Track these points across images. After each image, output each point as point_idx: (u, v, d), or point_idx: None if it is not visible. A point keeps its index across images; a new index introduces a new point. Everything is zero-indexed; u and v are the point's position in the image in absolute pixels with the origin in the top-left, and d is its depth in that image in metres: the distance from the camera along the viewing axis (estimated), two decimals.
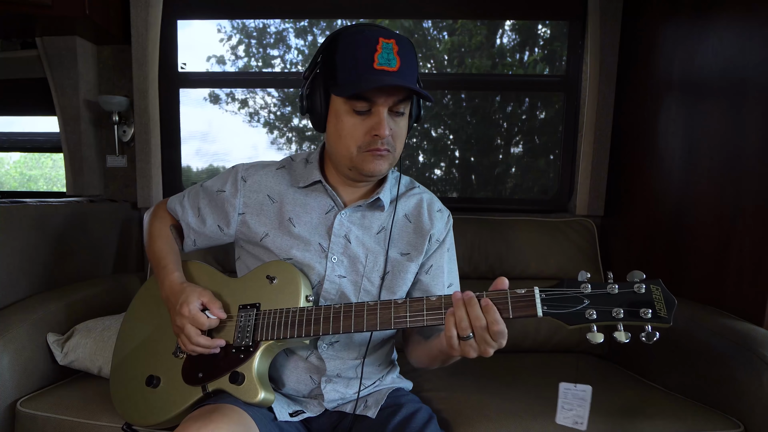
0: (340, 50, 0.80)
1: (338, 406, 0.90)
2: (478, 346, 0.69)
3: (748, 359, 1.00)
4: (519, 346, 1.50)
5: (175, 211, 0.99)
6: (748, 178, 1.15)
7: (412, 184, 1.00)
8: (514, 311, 0.69)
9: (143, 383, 0.90)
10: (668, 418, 1.01)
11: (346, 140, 0.82)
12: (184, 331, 0.82)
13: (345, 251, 0.89)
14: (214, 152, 1.95)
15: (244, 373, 0.80)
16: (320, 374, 0.88)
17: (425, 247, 0.93)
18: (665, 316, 0.63)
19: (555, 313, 0.66)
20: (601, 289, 0.65)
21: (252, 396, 0.79)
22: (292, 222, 0.89)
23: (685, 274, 1.35)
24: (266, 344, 0.81)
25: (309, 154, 0.96)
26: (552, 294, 0.67)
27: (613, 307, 0.64)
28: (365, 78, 0.77)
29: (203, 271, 0.97)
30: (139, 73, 1.68)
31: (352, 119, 0.81)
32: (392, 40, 0.78)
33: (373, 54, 0.77)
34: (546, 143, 1.90)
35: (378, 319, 0.75)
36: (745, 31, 1.18)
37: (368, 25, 0.82)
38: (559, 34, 1.85)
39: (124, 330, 1.02)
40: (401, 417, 0.84)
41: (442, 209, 0.99)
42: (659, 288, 0.65)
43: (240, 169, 0.95)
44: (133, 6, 1.65)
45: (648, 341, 0.62)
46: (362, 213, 0.91)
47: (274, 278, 0.85)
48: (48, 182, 2.61)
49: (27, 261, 1.28)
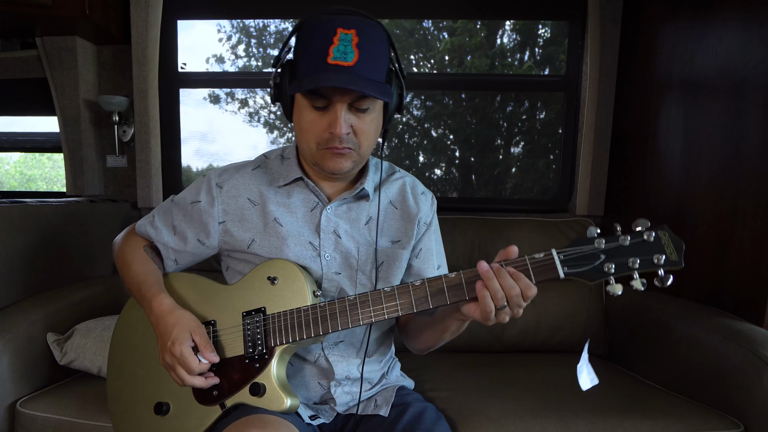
0: (301, 39, 0.76)
1: (349, 409, 0.89)
2: (511, 310, 0.69)
3: (748, 359, 1.00)
4: (519, 346, 1.50)
5: (147, 234, 0.92)
6: (748, 178, 1.16)
7: (392, 169, 0.96)
8: (536, 276, 0.69)
9: (152, 413, 0.82)
10: (668, 418, 1.01)
11: (306, 135, 0.79)
12: (175, 371, 0.77)
13: (336, 247, 0.86)
14: (214, 152, 1.95)
15: (264, 383, 0.76)
16: (329, 379, 0.87)
17: (414, 231, 0.90)
18: (677, 260, 0.65)
19: (576, 272, 0.68)
20: (614, 242, 0.67)
21: (278, 404, 0.74)
22: (278, 221, 0.85)
23: (685, 274, 1.35)
24: (281, 348, 0.77)
25: (284, 150, 0.93)
26: (570, 254, 0.68)
27: (629, 258, 0.66)
28: (316, 75, 0.72)
29: (188, 285, 0.88)
30: (139, 73, 1.68)
31: (312, 114, 0.77)
32: (352, 30, 0.72)
33: (329, 47, 0.72)
34: (546, 143, 1.90)
35: (398, 304, 0.73)
36: (745, 31, 1.18)
37: (332, 12, 0.76)
38: (559, 34, 1.85)
39: (115, 356, 0.92)
40: (410, 416, 0.83)
41: (426, 191, 0.96)
42: (666, 233, 0.66)
43: (213, 176, 0.89)
44: (133, 6, 1.65)
45: (661, 285, 0.65)
46: (348, 205, 0.88)
47: (276, 278, 0.80)
48: (48, 182, 2.61)
49: (27, 261, 1.28)
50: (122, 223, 1.69)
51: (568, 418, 1.00)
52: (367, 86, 0.73)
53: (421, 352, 0.92)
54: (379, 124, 0.83)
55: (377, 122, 0.82)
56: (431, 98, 1.91)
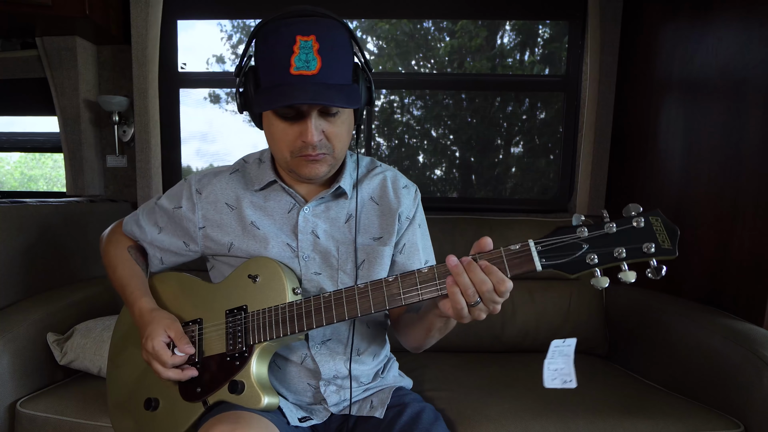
0: (260, 48, 0.74)
1: (344, 409, 0.89)
2: (486, 306, 0.66)
3: (748, 359, 1.00)
4: (519, 346, 1.50)
5: (133, 233, 0.95)
6: (748, 178, 1.16)
7: (373, 164, 0.94)
8: (511, 269, 0.64)
9: (143, 408, 0.86)
10: (668, 418, 1.01)
11: (279, 145, 0.78)
12: (151, 365, 0.80)
13: (315, 248, 0.85)
14: (214, 152, 1.96)
15: (243, 380, 0.77)
16: (317, 378, 0.87)
17: (396, 227, 0.88)
18: (669, 248, 0.58)
19: (554, 264, 0.62)
20: (598, 230, 0.61)
21: (255, 402, 0.75)
22: (255, 225, 0.86)
23: (685, 274, 1.35)
24: (261, 346, 0.78)
25: (262, 153, 0.92)
26: (548, 244, 0.62)
27: (615, 247, 0.59)
28: (280, 88, 0.71)
29: (176, 283, 0.91)
30: (139, 73, 1.68)
31: (281, 124, 0.76)
32: (311, 36, 0.71)
33: (290, 57, 0.70)
34: (546, 143, 1.90)
35: (371, 300, 0.71)
36: (745, 31, 1.18)
37: (289, 18, 0.73)
38: (559, 34, 1.85)
39: (113, 353, 0.97)
40: (408, 417, 0.83)
41: (409, 185, 0.93)
42: (659, 218, 0.60)
43: (193, 182, 0.90)
44: (133, 6, 1.65)
45: (655, 276, 0.58)
46: (326, 205, 0.88)
47: (257, 276, 0.81)
48: (48, 182, 2.61)
49: (27, 261, 1.28)
50: None
51: (568, 418, 1.00)
52: (335, 96, 0.71)
53: (415, 350, 0.91)
54: (351, 122, 0.82)
55: (349, 122, 0.81)
56: (431, 98, 1.91)
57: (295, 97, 0.70)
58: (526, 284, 1.54)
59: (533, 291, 1.52)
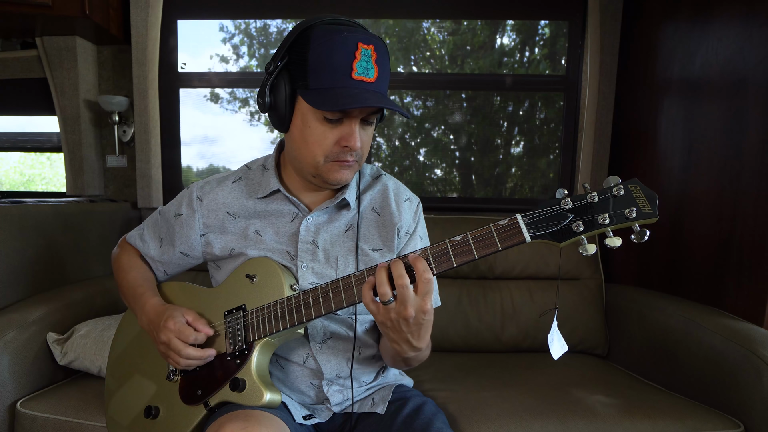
0: (314, 49, 0.73)
1: (346, 408, 0.89)
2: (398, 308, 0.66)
3: (748, 359, 1.00)
4: (519, 346, 1.50)
5: (137, 247, 0.97)
6: (747, 178, 1.16)
7: (378, 173, 0.95)
8: (502, 243, 0.66)
9: (142, 416, 0.85)
10: (668, 418, 1.01)
11: (313, 148, 0.77)
12: (171, 345, 0.78)
13: (314, 258, 0.85)
14: (214, 152, 1.96)
15: (244, 378, 0.77)
16: (319, 378, 0.87)
17: (395, 242, 0.89)
18: (650, 211, 0.62)
19: (543, 234, 0.65)
20: (582, 200, 0.64)
21: (257, 399, 0.75)
22: (257, 233, 0.86)
23: (685, 274, 1.35)
24: (260, 343, 0.79)
25: (266, 160, 0.92)
26: (535, 216, 0.65)
27: (598, 215, 0.63)
28: (342, 90, 0.71)
29: (179, 289, 0.92)
30: (139, 73, 1.69)
31: (322, 127, 0.76)
32: (371, 45, 0.72)
33: (352, 61, 0.71)
34: (546, 143, 1.90)
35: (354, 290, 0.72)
36: (745, 31, 1.18)
37: (346, 24, 0.75)
38: (559, 34, 1.85)
39: (112, 361, 0.97)
40: (408, 410, 0.83)
41: (411, 198, 0.94)
42: (637, 186, 0.64)
43: (195, 189, 0.91)
44: (133, 6, 1.65)
45: (639, 240, 0.61)
46: (329, 215, 0.88)
47: (254, 276, 0.82)
48: (48, 182, 2.61)
49: (27, 261, 1.28)
50: (122, 223, 1.70)
51: (568, 418, 1.00)
52: (391, 104, 0.74)
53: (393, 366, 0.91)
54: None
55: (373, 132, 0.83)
56: (432, 98, 1.91)
57: (366, 100, 0.71)
58: (526, 284, 1.54)
59: (533, 291, 1.52)
